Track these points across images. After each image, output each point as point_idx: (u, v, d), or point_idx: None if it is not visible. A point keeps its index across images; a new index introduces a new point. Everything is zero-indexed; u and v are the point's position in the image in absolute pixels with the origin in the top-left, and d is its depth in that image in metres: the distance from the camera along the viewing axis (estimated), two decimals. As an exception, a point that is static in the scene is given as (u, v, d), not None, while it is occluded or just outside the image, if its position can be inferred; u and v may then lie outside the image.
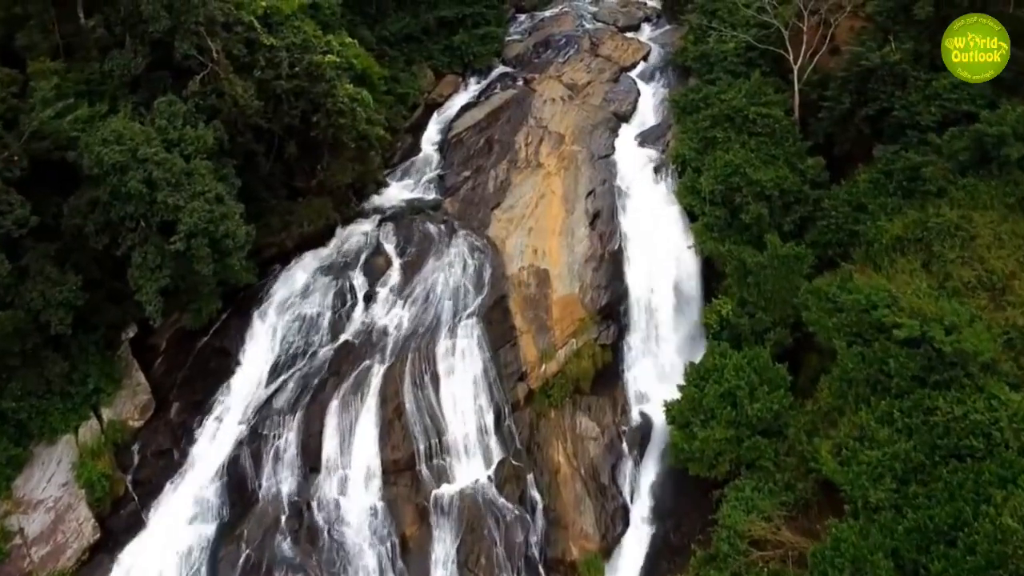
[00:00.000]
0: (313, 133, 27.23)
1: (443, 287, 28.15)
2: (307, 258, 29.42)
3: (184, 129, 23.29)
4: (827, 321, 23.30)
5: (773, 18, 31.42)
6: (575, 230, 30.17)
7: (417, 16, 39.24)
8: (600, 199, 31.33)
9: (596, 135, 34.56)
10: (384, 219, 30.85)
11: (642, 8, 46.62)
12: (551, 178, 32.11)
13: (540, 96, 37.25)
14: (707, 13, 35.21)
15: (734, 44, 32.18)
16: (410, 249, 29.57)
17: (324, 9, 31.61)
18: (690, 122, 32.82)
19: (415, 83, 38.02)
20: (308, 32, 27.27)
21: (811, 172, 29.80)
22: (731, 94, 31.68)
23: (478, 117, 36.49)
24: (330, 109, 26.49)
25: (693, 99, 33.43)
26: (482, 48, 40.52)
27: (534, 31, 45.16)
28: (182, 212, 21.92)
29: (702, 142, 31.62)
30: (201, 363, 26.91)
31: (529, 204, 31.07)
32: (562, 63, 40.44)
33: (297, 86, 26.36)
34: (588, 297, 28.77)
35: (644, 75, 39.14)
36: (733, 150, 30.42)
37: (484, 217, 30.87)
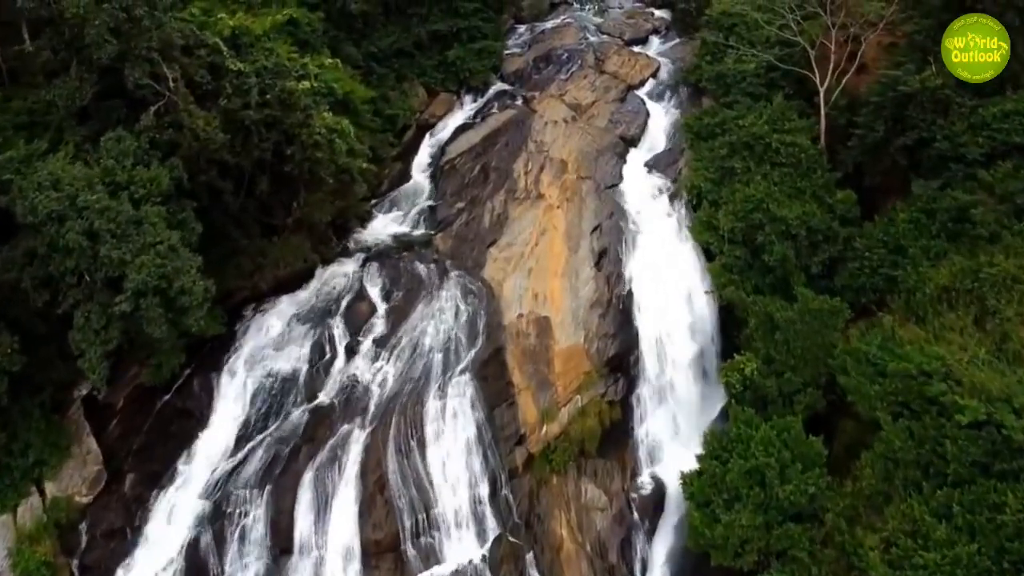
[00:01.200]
0: (287, 168, 24.34)
1: (433, 338, 25.26)
2: (283, 303, 26.51)
3: (135, 169, 20.42)
4: (868, 389, 20.41)
5: (797, 36, 28.48)
6: (579, 271, 27.28)
7: (408, 30, 36.36)
8: (607, 235, 28.43)
9: (602, 162, 31.66)
10: (369, 258, 27.94)
11: (649, 20, 43.63)
12: (553, 211, 29.22)
13: (541, 117, 34.34)
14: (723, 29, 32.28)
15: (754, 64, 29.22)
16: (396, 293, 26.68)
17: (303, 26, 28.78)
18: (705, 149, 29.94)
19: (405, 103, 35.13)
20: (281, 54, 24.39)
21: (841, 207, 26.95)
22: (751, 119, 28.78)
23: (473, 141, 33.57)
24: (305, 142, 23.60)
25: (708, 123, 30.54)
26: (478, 64, 37.58)
27: (534, 44, 42.20)
28: (129, 267, 19.05)
29: (719, 172, 28.74)
30: (161, 426, 24.00)
31: (529, 241, 28.17)
32: (564, 80, 37.52)
33: (268, 116, 23.47)
34: (594, 347, 25.89)
35: (653, 94, 36.21)
36: (754, 182, 27.56)
37: (479, 256, 27.98)
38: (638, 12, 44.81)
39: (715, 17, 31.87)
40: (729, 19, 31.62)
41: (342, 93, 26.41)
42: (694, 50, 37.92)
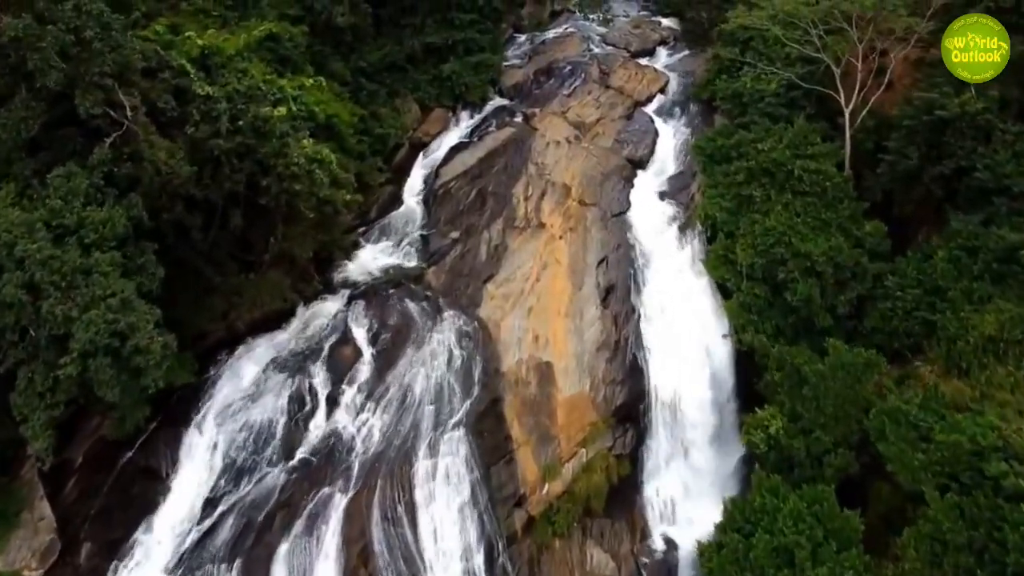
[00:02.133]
0: (263, 200, 22.07)
1: (423, 387, 22.97)
2: (260, 346, 24.21)
3: (86, 210, 18.16)
4: (911, 457, 18.12)
5: (821, 52, 26.18)
6: (584, 310, 25.01)
7: (401, 43, 34.02)
8: (614, 269, 26.18)
9: (608, 186, 29.37)
10: (355, 295, 25.61)
11: (657, 29, 41.29)
12: (555, 243, 26.93)
13: (542, 137, 32.05)
14: (738, 43, 29.94)
15: (774, 83, 26.89)
16: (384, 335, 24.36)
17: (284, 42, 26.48)
18: (720, 173, 27.63)
19: (397, 120, 32.80)
20: (256, 76, 22.09)
21: (870, 240, 24.70)
22: (770, 143, 26.48)
23: (469, 163, 31.26)
24: (282, 173, 21.31)
25: (722, 145, 28.23)
26: (475, 78, 35.25)
27: (535, 55, 39.85)
28: (75, 324, 16.80)
29: (735, 200, 26.44)
30: (123, 487, 21.69)
31: (529, 276, 25.89)
32: (567, 95, 35.22)
33: (241, 144, 21.19)
34: (601, 395, 23.67)
35: (662, 111, 33.90)
36: (774, 213, 25.28)
37: (475, 292, 25.69)
38: (644, 21, 42.49)
39: (730, 31, 29.48)
40: (745, 33, 29.24)
41: (324, 117, 24.08)
42: (704, 63, 35.67)
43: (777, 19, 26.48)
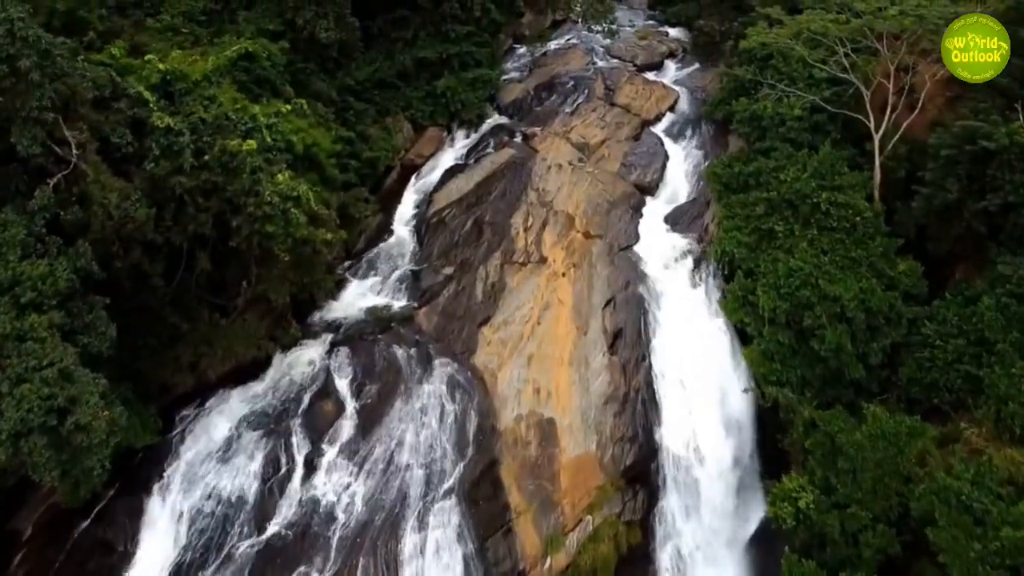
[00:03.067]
0: (233, 243, 19.81)
1: (412, 448, 20.73)
2: (233, 399, 21.96)
3: (23, 264, 15.90)
4: (965, 547, 15.83)
5: (848, 72, 23.89)
6: (590, 357, 22.75)
7: (392, 57, 31.79)
8: (622, 311, 23.90)
9: (615, 216, 27.11)
10: (337, 341, 23.34)
11: (664, 41, 39.03)
12: (557, 280, 24.67)
13: (543, 160, 29.78)
14: (756, 60, 27.63)
15: (799, 109, 24.57)
16: (369, 387, 22.10)
17: (261, 60, 24.19)
18: (737, 204, 25.35)
19: (388, 141, 30.55)
20: (225, 103, 19.82)
21: (905, 281, 22.42)
22: (793, 172, 24.20)
23: (465, 189, 28.99)
24: (253, 213, 19.05)
25: (739, 172, 25.95)
26: (472, 95, 32.98)
27: (536, 68, 37.60)
28: (5, 401, 14.53)
29: (755, 235, 24.18)
30: (78, 562, 19.41)
31: (529, 318, 23.63)
32: (570, 113, 32.95)
33: (207, 181, 18.99)
34: (608, 455, 21.41)
35: (672, 131, 31.63)
36: (799, 250, 23.03)
37: (469, 337, 23.42)
38: (651, 32, 40.22)
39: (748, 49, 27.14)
40: (764, 50, 26.92)
41: (303, 147, 21.77)
42: (716, 78, 33.47)
43: (802, 37, 24.15)
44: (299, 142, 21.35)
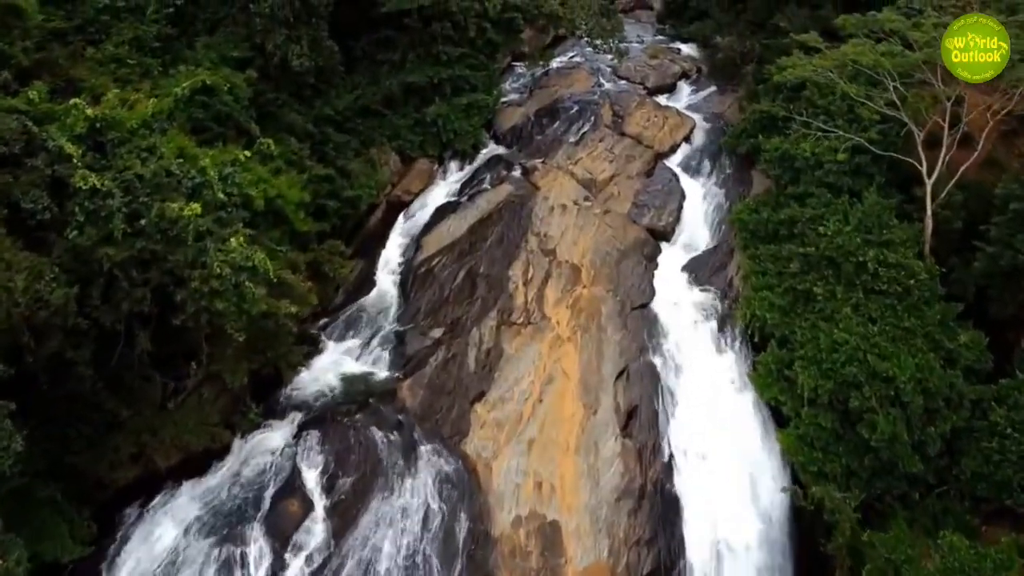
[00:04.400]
0: (177, 321, 16.62)
1: (391, 558, 17.51)
2: (182, 495, 18.73)
3: None
4: None
5: (899, 110, 20.70)
6: (600, 443, 19.58)
7: (377, 82, 28.60)
8: (636, 384, 20.75)
9: (626, 267, 23.96)
10: (307, 422, 20.16)
11: (676, 60, 35.85)
12: (562, 347, 21.51)
13: (545, 199, 26.63)
14: (786, 91, 24.41)
15: (843, 152, 21.33)
16: (343, 481, 18.89)
17: (222, 95, 21.01)
18: (766, 256, 22.21)
19: (372, 177, 27.36)
20: (167, 154, 16.62)
21: (966, 355, 19.24)
22: (833, 224, 21.02)
23: (457, 233, 25.82)
24: (198, 288, 15.87)
25: (769, 220, 22.81)
26: (466, 122, 29.81)
27: (536, 90, 34.44)
28: None
29: (789, 296, 21.02)
30: None
31: (529, 394, 20.47)
32: (574, 143, 29.78)
33: (143, 251, 15.79)
34: (623, 563, 18.22)
35: (689, 165, 28.50)
36: (842, 317, 19.85)
37: (460, 417, 20.24)
38: (661, 49, 37.03)
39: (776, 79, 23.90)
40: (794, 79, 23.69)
41: (264, 201, 18.54)
42: (736, 103, 30.41)
43: (845, 70, 20.96)
44: (259, 196, 18.15)
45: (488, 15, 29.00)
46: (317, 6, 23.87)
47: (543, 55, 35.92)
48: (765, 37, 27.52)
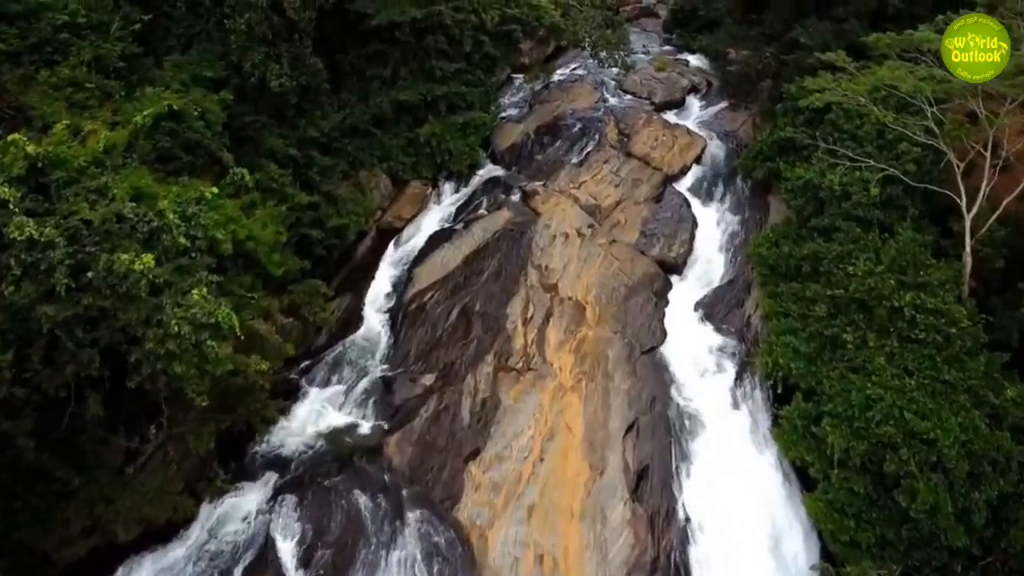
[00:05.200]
0: (131, 383, 14.74)
1: (374, 647, 15.69)
2: (143, 570, 16.87)
3: None
4: None
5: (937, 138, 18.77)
6: (608, 508, 17.65)
7: (367, 100, 26.71)
8: (647, 440, 18.85)
9: (635, 305, 22.06)
10: (283, 485, 18.24)
11: (685, 73, 33.93)
12: (565, 398, 19.61)
13: (546, 226, 24.74)
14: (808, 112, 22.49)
15: (875, 186, 19.35)
16: (322, 553, 16.96)
17: (192, 121, 19.11)
18: (788, 295, 20.32)
19: (361, 203, 25.48)
20: (120, 196, 14.73)
21: (1015, 413, 17.26)
22: (863, 264, 19.10)
23: (451, 264, 23.93)
24: (153, 350, 13.98)
25: (791, 255, 20.92)
26: (462, 142, 27.92)
27: (537, 105, 32.54)
28: None
29: (815, 342, 19.10)
30: None
31: (529, 453, 18.55)
32: (577, 164, 27.89)
33: (90, 308, 13.91)
34: (633, 650, 16.33)
35: (700, 189, 26.61)
36: (875, 368, 17.91)
37: (453, 477, 18.31)
38: (668, 61, 35.09)
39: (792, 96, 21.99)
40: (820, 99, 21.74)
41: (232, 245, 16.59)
42: (749, 120, 28.50)
43: (879, 95, 19.03)
44: (226, 239, 16.20)
45: (485, 28, 27.10)
46: (299, 21, 21.97)
47: (544, 68, 33.97)
48: (783, 51, 25.54)
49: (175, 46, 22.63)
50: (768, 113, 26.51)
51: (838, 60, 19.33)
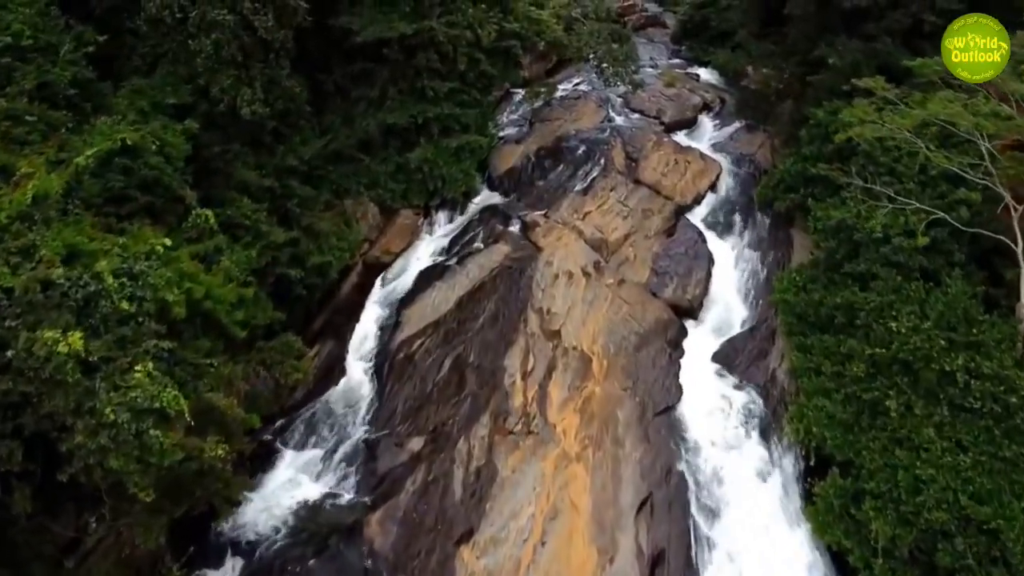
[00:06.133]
0: (63, 477, 12.57)
1: None
2: None
3: None
4: None
5: (992, 178, 16.57)
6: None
7: (352, 123, 24.60)
8: (663, 518, 16.63)
9: (646, 357, 19.87)
10: (251, 572, 16.05)
11: (696, 90, 31.70)
12: (569, 468, 17.39)
13: (548, 263, 22.55)
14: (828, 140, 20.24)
15: (923, 236, 17.11)
16: (290, 660, 14.86)
17: (148, 156, 16.93)
18: (819, 349, 18.16)
19: (345, 237, 23.36)
20: (49, 256, 12.54)
21: (1084, 496, 15.13)
22: (907, 319, 16.88)
23: (444, 307, 21.74)
24: (83, 443, 11.80)
25: (822, 303, 18.74)
26: (455, 167, 25.75)
27: (537, 123, 30.33)
28: None
29: (852, 407, 16.90)
30: None
31: (529, 535, 16.33)
32: (582, 192, 25.68)
33: (10, 393, 11.74)
34: None
35: (715, 221, 24.39)
36: (924, 441, 15.73)
37: (442, 565, 16.04)
38: (679, 76, 32.85)
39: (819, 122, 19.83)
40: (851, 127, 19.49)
41: (183, 309, 14.34)
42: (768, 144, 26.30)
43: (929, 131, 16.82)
44: (178, 301, 13.96)
45: (481, 44, 24.94)
46: (272, 41, 19.77)
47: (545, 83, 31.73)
48: (807, 70, 23.34)
49: (140, 67, 20.51)
50: (790, 137, 24.34)
51: (877, 88, 17.12)
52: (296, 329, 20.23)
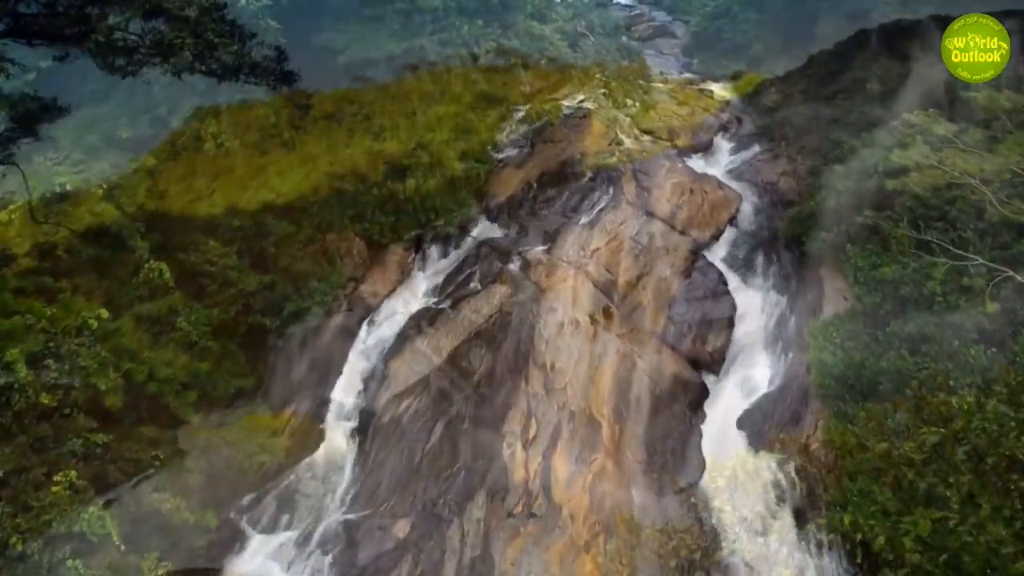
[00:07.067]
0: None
1: None
2: None
3: None
4: None
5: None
6: None
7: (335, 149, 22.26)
8: (685, 624, 14.38)
9: (663, 423, 17.65)
10: None
11: (711, 108, 29.39)
12: (578, 560, 15.16)
13: (551, 309, 20.28)
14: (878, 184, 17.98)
15: (991, 302, 14.93)
16: None
17: (92, 201, 14.62)
18: (863, 420, 15.85)
19: (328, 276, 21.22)
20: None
21: None
22: (968, 395, 14.64)
23: (436, 359, 19.49)
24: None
25: (865, 366, 16.47)
26: (450, 198, 23.53)
27: (539, 145, 27.94)
28: None
29: (903, 496, 14.63)
30: None
31: (530, 646, 14.11)
32: (588, 225, 23.38)
33: None
34: None
35: (736, 260, 22.12)
36: (990, 536, 13.44)
37: None
38: (692, 94, 30.52)
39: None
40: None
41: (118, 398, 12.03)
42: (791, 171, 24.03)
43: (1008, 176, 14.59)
44: (113, 387, 11.70)
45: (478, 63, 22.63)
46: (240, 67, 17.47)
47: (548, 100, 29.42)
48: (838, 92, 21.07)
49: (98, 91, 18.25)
50: (817, 167, 22.07)
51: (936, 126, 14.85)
52: (269, 388, 18.05)
